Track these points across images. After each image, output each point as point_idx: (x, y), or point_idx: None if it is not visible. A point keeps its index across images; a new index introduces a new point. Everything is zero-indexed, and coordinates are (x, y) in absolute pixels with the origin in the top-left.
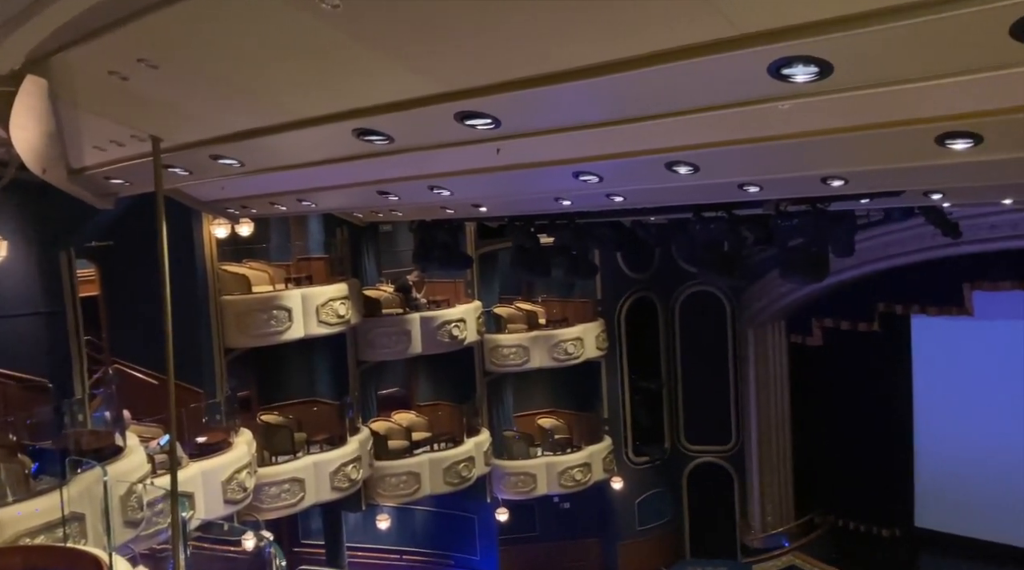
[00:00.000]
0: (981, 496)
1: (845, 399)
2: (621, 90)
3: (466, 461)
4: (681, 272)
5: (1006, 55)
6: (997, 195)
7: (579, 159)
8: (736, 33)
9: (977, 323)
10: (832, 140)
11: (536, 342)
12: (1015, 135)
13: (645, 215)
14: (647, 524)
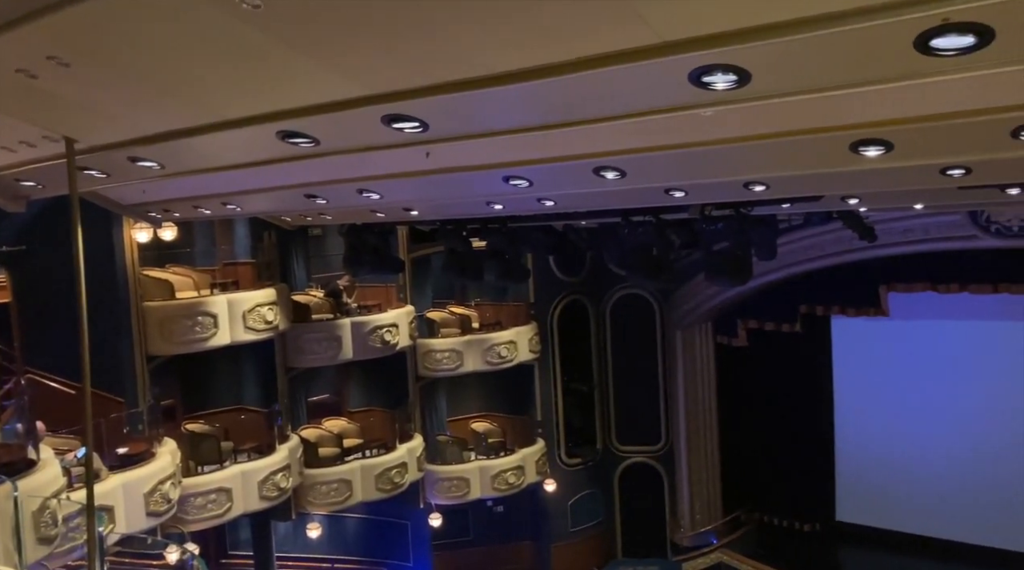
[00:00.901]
0: (898, 490)
1: (769, 398)
2: (548, 95)
3: (398, 467)
4: (612, 275)
5: (912, 66)
6: (910, 200)
7: (509, 163)
8: (658, 41)
9: (892, 323)
10: (753, 146)
11: (469, 346)
12: (923, 143)
13: (576, 219)
14: (580, 525)
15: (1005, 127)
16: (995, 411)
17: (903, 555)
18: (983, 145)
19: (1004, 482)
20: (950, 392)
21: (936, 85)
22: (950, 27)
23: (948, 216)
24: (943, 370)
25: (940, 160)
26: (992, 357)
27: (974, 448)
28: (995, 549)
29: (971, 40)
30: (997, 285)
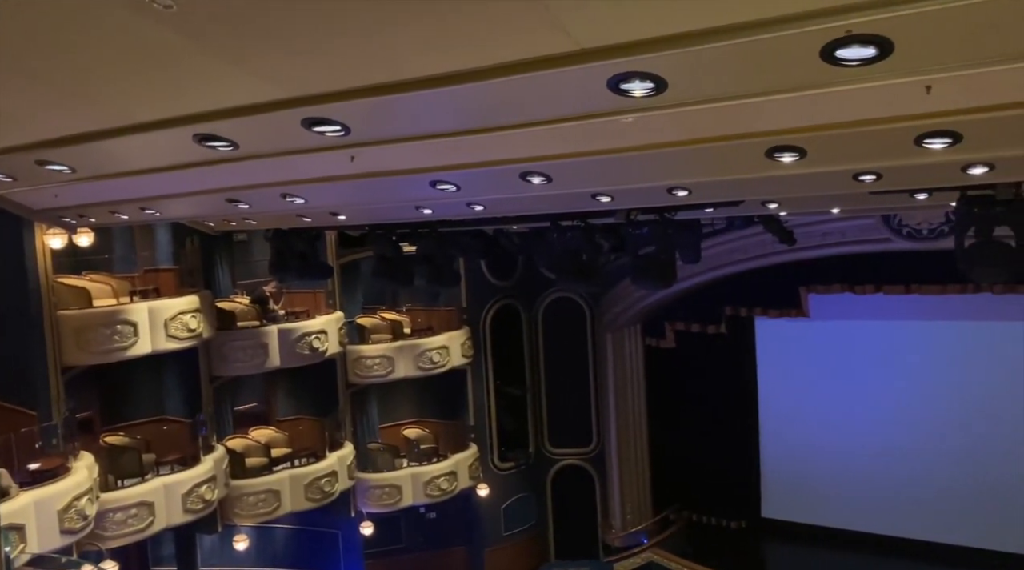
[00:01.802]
0: (821, 486)
1: (696, 398)
2: (471, 100)
3: (328, 476)
4: (544, 279)
5: (819, 76)
6: (826, 204)
7: (435, 168)
8: (577, 48)
9: (813, 323)
10: (675, 152)
11: (401, 352)
12: (834, 150)
13: (507, 224)
14: (513, 529)
15: (909, 135)
16: (912, 406)
17: (827, 549)
18: (890, 152)
19: (923, 476)
20: (869, 389)
21: (844, 94)
22: (853, 38)
23: (863, 220)
24: (861, 368)
25: (851, 166)
26: (906, 355)
27: (893, 443)
28: (916, 541)
29: (873, 51)
30: (909, 286)
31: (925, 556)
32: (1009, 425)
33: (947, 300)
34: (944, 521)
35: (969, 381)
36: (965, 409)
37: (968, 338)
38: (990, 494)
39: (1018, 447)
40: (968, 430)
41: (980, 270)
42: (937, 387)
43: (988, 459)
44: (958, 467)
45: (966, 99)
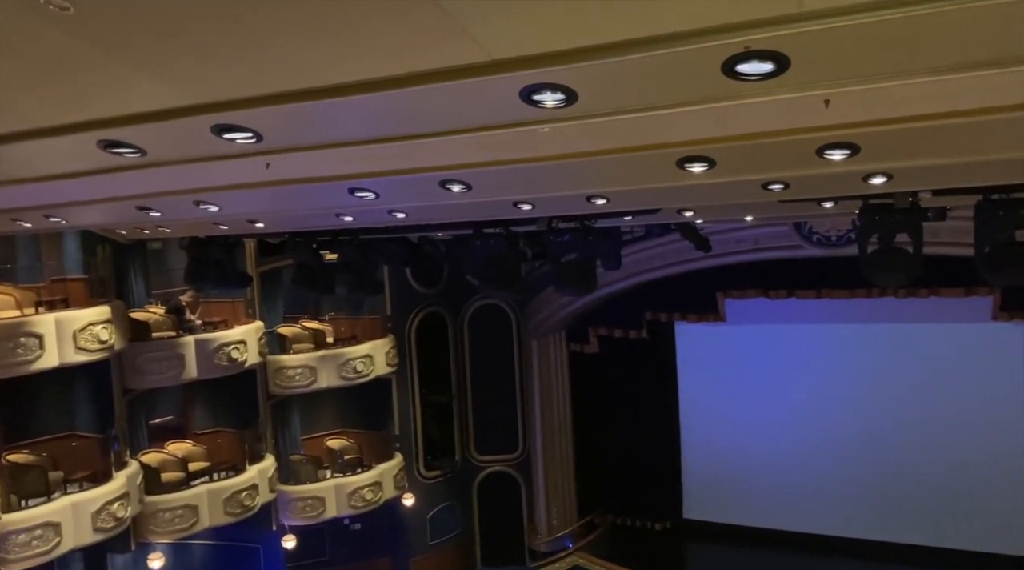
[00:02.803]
0: (740, 486)
1: (619, 402)
2: (386, 109)
3: (249, 489)
4: (470, 287)
5: (722, 89)
6: (739, 213)
7: (353, 175)
8: (488, 59)
9: (730, 327)
10: (590, 162)
11: (323, 362)
12: (741, 160)
13: (431, 231)
14: (439, 538)
15: (811, 146)
16: (825, 406)
17: (748, 548)
18: (794, 162)
19: (839, 473)
20: (785, 390)
21: (748, 107)
22: (752, 54)
23: (776, 227)
24: (777, 370)
25: (759, 176)
26: (819, 356)
27: (809, 442)
28: (835, 537)
29: (771, 67)
30: (820, 291)
31: (844, 552)
32: (917, 421)
33: (855, 304)
34: (861, 517)
35: (877, 380)
36: (875, 407)
37: (875, 340)
38: (905, 489)
39: (927, 441)
40: (879, 427)
41: (881, 275)
42: (848, 387)
43: (900, 455)
44: (872, 464)
45: (863, 113)
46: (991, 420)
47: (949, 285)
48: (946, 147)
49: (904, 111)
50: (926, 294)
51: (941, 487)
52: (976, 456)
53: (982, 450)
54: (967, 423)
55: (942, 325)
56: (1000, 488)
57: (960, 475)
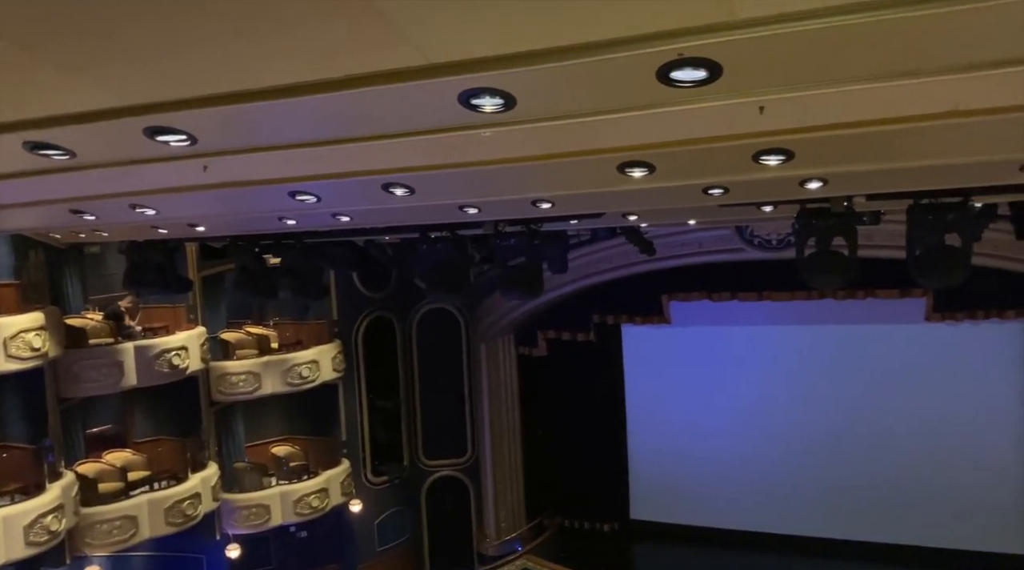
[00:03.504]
0: (686, 486)
1: (568, 405)
2: (326, 112)
3: (191, 498)
4: (418, 291)
5: (658, 95)
6: (682, 217)
7: (294, 178)
8: (426, 63)
9: (675, 329)
10: (533, 166)
11: (268, 367)
12: (681, 165)
13: (377, 235)
14: (387, 544)
15: (747, 152)
16: (768, 406)
17: (694, 547)
18: (732, 168)
19: (783, 472)
20: (729, 391)
21: (685, 113)
22: (686, 61)
23: (718, 231)
24: (721, 371)
25: (698, 181)
26: (761, 357)
27: (753, 441)
28: (780, 535)
29: (704, 74)
30: (761, 293)
31: (788, 549)
32: (855, 419)
33: (796, 305)
34: (804, 515)
35: (818, 380)
36: (816, 406)
37: (815, 340)
38: (845, 486)
39: (866, 439)
40: (820, 425)
41: (818, 277)
42: (790, 387)
43: (840, 452)
44: (813, 461)
45: (796, 119)
46: (925, 417)
47: (885, 287)
48: (876, 153)
49: (836, 118)
50: (863, 296)
51: (878, 483)
52: (912, 452)
53: (918, 446)
54: (903, 420)
55: (879, 326)
56: (935, 482)
57: (895, 470)
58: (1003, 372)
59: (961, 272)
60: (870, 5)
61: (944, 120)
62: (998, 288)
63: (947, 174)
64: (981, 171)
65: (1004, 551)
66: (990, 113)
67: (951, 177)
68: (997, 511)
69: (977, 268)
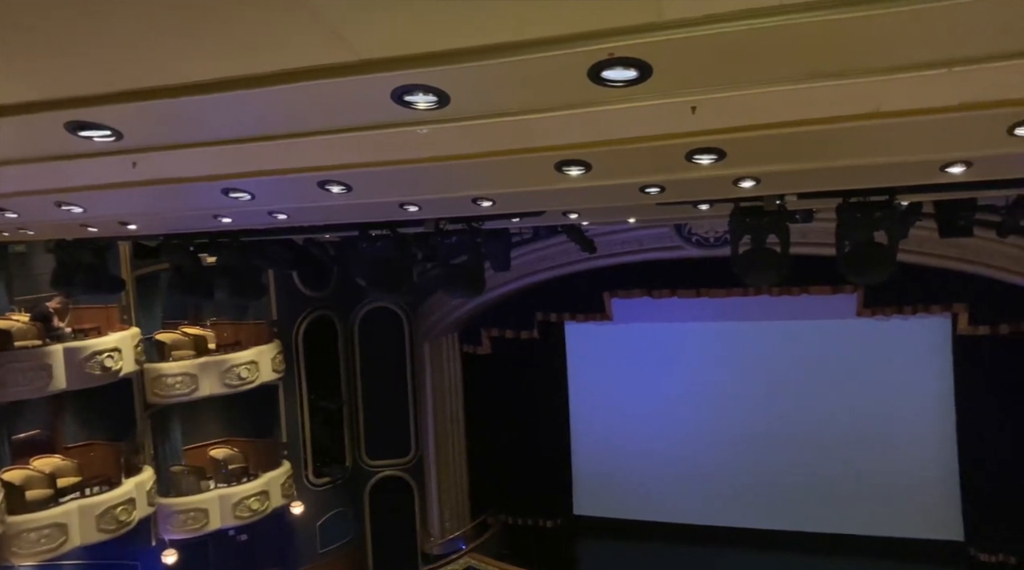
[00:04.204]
0: (628, 480)
1: (512, 402)
2: (255, 107)
3: (125, 504)
4: (360, 289)
5: (590, 95)
6: (622, 215)
7: (226, 176)
8: (357, 59)
9: (617, 326)
10: (471, 164)
11: (205, 368)
12: (616, 164)
13: (317, 233)
14: (329, 545)
15: (680, 151)
16: (708, 400)
17: (636, 541)
18: (666, 167)
19: (724, 464)
20: (670, 386)
21: (620, 112)
22: (616, 61)
23: (658, 229)
24: (662, 367)
25: (635, 179)
26: (701, 353)
27: (696, 436)
28: (724, 527)
29: (634, 74)
30: (700, 290)
31: (730, 541)
32: (793, 413)
33: (733, 302)
34: (745, 507)
35: (756, 374)
36: (755, 400)
37: (753, 336)
38: (785, 478)
39: (804, 432)
40: (759, 419)
41: (752, 274)
42: (729, 382)
43: (779, 445)
44: (753, 455)
45: (727, 119)
46: (857, 409)
47: (818, 283)
48: (805, 153)
49: (765, 118)
50: (797, 292)
51: (815, 474)
52: (846, 443)
53: (852, 438)
54: (837, 413)
55: (813, 321)
56: (868, 472)
57: (831, 462)
58: (930, 365)
59: (887, 269)
60: (795, 8)
61: (867, 121)
62: (924, 284)
63: (873, 174)
64: (904, 171)
65: (933, 538)
66: (910, 115)
67: (876, 177)
68: (926, 499)
69: (904, 265)
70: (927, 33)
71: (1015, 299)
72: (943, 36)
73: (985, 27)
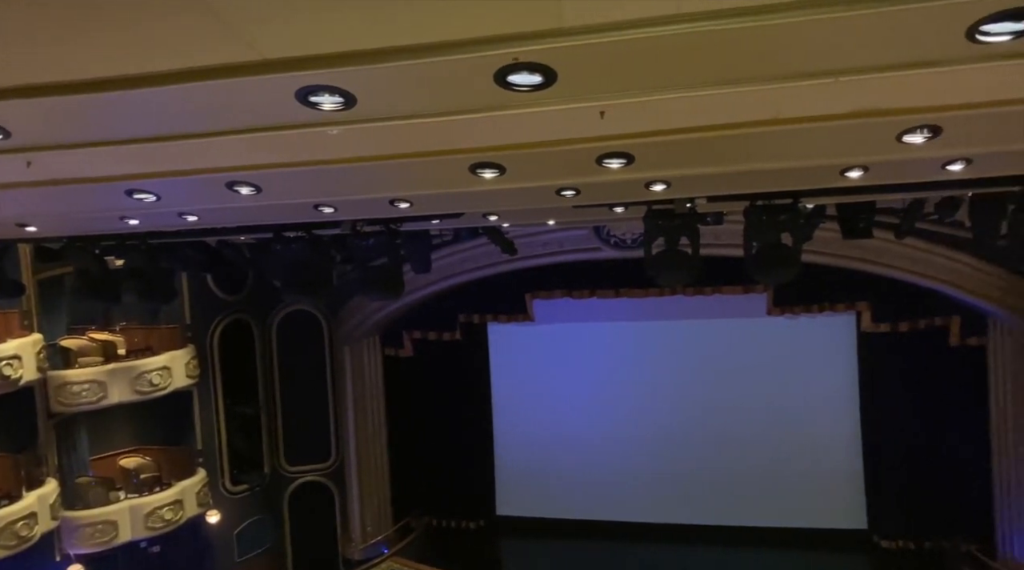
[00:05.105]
0: (550, 480)
1: (434, 405)
2: (156, 106)
3: (26, 518)
4: (276, 292)
5: (497, 98)
6: (541, 217)
7: (129, 176)
8: (260, 59)
9: (539, 327)
10: (386, 165)
11: (115, 375)
12: (529, 166)
13: (231, 235)
14: (247, 554)
15: (591, 155)
16: (629, 398)
17: (558, 539)
18: (578, 170)
19: (645, 462)
20: (591, 385)
21: (529, 116)
22: (521, 66)
23: (577, 231)
24: (583, 366)
25: (549, 182)
26: (621, 352)
27: (616, 433)
28: (644, 523)
29: (540, 79)
30: (618, 290)
31: (651, 536)
32: (710, 409)
33: (650, 302)
34: (664, 502)
35: (674, 372)
36: (672, 398)
37: (669, 335)
38: (702, 473)
39: (722, 428)
40: (678, 416)
41: (665, 275)
42: (648, 380)
43: (697, 441)
44: (672, 450)
45: (634, 124)
46: (770, 405)
47: (730, 283)
48: (711, 157)
49: (672, 123)
50: (710, 292)
51: (732, 469)
52: (761, 438)
53: (767, 433)
54: (752, 409)
55: (726, 320)
56: (782, 466)
57: (748, 456)
58: (837, 361)
59: (792, 269)
60: (691, 17)
61: (768, 127)
62: (830, 284)
63: (776, 177)
64: (806, 175)
65: (839, 527)
66: (807, 121)
67: (780, 180)
68: (833, 491)
69: (810, 265)
70: (813, 44)
71: (914, 298)
72: (828, 48)
73: (867, 40)
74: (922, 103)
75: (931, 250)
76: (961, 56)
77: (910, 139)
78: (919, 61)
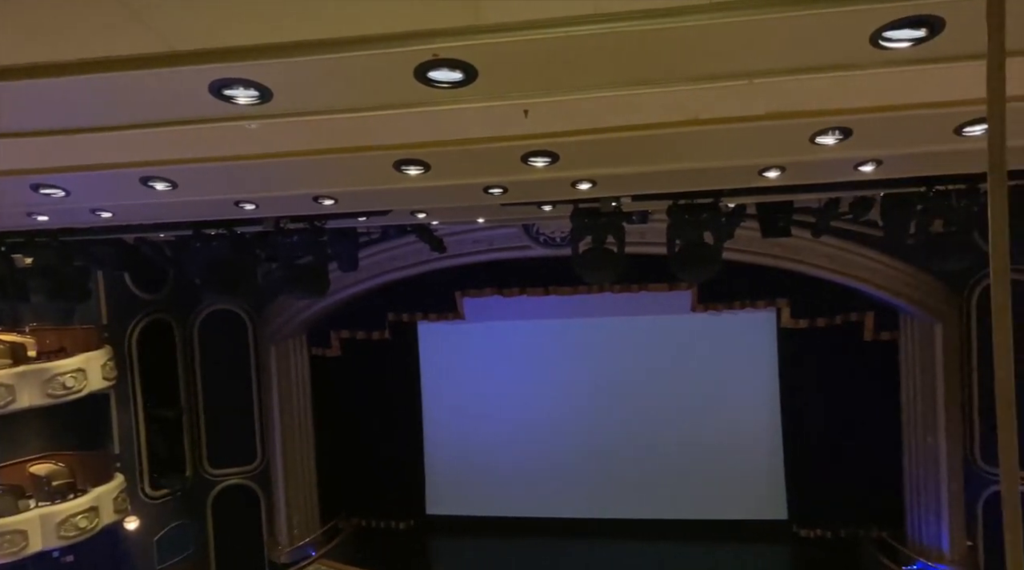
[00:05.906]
0: (480, 478)
1: (363, 405)
2: (60, 97)
3: None
4: (198, 291)
5: (416, 94)
6: (470, 215)
7: (34, 170)
8: (169, 50)
9: (469, 325)
10: (307, 161)
11: (24, 378)
12: (454, 164)
13: (149, 232)
14: (168, 561)
15: (516, 153)
16: (558, 395)
17: (488, 537)
18: (504, 168)
19: (573, 458)
20: (521, 383)
21: (454, 113)
22: (442, 62)
23: (507, 229)
24: (513, 364)
25: (474, 180)
26: (551, 349)
27: (545, 431)
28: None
29: (460, 75)
30: (548, 288)
31: (578, 532)
32: (638, 404)
33: (579, 299)
34: (592, 497)
35: (603, 369)
36: (600, 394)
37: (598, 332)
38: (632, 468)
39: (651, 423)
40: (604, 412)
41: (591, 273)
42: (577, 377)
43: (626, 436)
44: (602, 447)
45: (559, 123)
46: (694, 401)
47: (655, 281)
48: (634, 157)
49: (593, 123)
50: (637, 289)
51: (659, 463)
52: (687, 432)
53: (693, 427)
54: (676, 405)
55: (652, 317)
56: (707, 459)
57: (675, 450)
58: (758, 356)
59: (714, 267)
60: (608, 17)
61: (688, 128)
62: (751, 281)
63: (697, 177)
64: (725, 175)
65: (760, 518)
66: (724, 122)
67: (701, 180)
68: (754, 482)
69: (732, 263)
70: (725, 46)
71: (830, 294)
72: (739, 49)
73: (778, 43)
74: (833, 106)
75: (846, 248)
76: (867, 61)
77: (823, 140)
78: (828, 64)
